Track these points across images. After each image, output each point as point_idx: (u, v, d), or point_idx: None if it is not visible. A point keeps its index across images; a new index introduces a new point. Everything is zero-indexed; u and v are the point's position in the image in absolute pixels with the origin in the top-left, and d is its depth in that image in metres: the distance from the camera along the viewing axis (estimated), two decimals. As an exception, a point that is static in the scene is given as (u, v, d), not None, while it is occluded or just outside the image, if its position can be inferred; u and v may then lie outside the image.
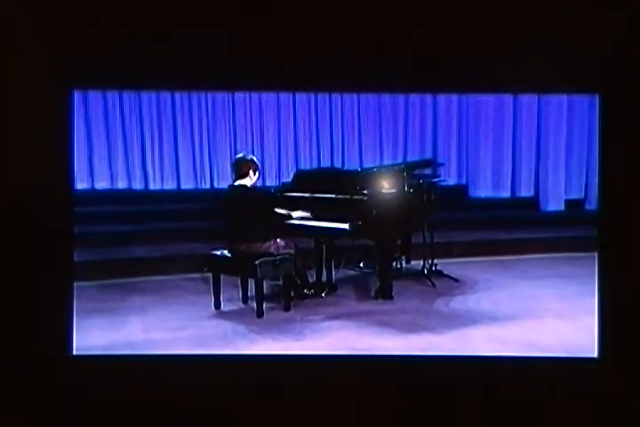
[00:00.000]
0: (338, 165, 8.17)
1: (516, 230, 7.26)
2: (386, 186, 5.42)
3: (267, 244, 5.07)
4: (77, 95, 6.92)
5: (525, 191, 8.24)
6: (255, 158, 5.21)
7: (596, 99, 3.77)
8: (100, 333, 4.58)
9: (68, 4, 3.62)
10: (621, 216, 3.69)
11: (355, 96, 7.98)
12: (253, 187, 5.15)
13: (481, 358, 4.01)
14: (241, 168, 5.10)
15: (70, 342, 3.80)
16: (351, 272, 6.23)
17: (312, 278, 5.59)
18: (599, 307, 3.75)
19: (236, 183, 5.14)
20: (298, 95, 7.95)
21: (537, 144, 8.09)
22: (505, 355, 4.13)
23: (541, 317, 4.93)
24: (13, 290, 3.70)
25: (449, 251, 6.58)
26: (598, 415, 3.62)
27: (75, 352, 3.83)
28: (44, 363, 3.69)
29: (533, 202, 8.16)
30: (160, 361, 3.90)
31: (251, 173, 5.09)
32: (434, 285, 5.79)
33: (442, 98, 8.02)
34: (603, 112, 3.71)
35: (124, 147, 7.91)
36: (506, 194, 8.26)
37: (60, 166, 3.72)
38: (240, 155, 5.31)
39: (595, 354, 3.78)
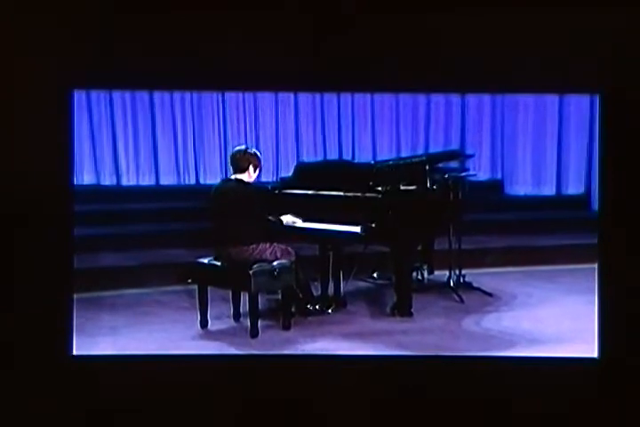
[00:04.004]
0: (347, 157, 8.23)
1: (563, 234, 7.26)
2: (404, 182, 5.47)
3: (260, 247, 5.14)
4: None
5: (574, 188, 8.29)
6: (258, 153, 5.30)
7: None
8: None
9: (68, 5, 4.09)
10: (622, 217, 4.18)
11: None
12: (250, 183, 5.23)
13: (481, 359, 4.52)
14: (240, 162, 5.19)
15: (70, 342, 4.32)
16: (363, 284, 6.29)
17: (317, 292, 5.65)
18: (599, 307, 4.27)
19: (232, 177, 5.23)
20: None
21: (589, 136, 8.11)
22: (505, 355, 4.68)
23: (594, 340, 4.94)
24: (13, 289, 4.20)
25: (480, 259, 6.63)
26: (598, 416, 4.11)
27: (75, 352, 4.35)
28: (43, 363, 4.20)
29: (583, 200, 8.17)
30: (160, 361, 4.36)
31: (251, 168, 5.18)
32: (462, 300, 5.84)
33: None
34: (603, 112, 4.28)
35: (90, 136, 7.99)
36: (550, 191, 8.31)
37: (59, 167, 4.21)
38: (242, 147, 5.40)
39: (595, 354, 4.27)
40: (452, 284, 6.01)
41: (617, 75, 4.17)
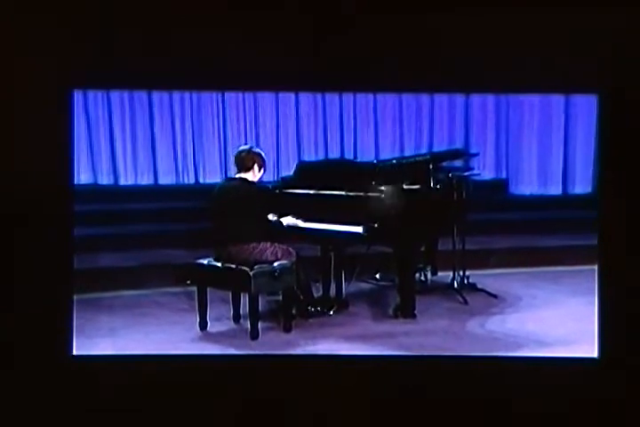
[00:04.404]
0: (349, 155, 8.28)
1: (569, 235, 7.27)
2: (407, 181, 5.53)
3: (261, 247, 5.21)
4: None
5: (581, 187, 8.34)
6: (263, 153, 5.41)
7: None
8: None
9: (68, 5, 4.22)
10: (621, 217, 4.33)
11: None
12: (254, 182, 5.32)
13: (481, 359, 4.65)
14: (245, 161, 5.29)
15: (70, 341, 4.47)
16: (365, 285, 6.36)
17: (318, 293, 5.72)
18: (599, 307, 4.42)
19: (236, 176, 5.33)
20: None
21: (596, 134, 8.16)
22: (505, 355, 4.83)
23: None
24: (13, 289, 4.34)
25: (485, 260, 6.68)
26: (598, 415, 4.25)
27: (75, 352, 4.49)
28: (44, 363, 4.34)
29: (591, 200, 8.16)
30: (161, 361, 4.48)
31: (255, 168, 5.29)
32: (466, 301, 5.91)
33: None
34: (602, 112, 4.41)
35: (88, 134, 8.06)
36: (556, 190, 8.36)
37: (59, 167, 4.35)
38: (246, 146, 5.51)
39: (595, 354, 4.40)
40: (455, 285, 6.06)
41: (616, 75, 4.27)
